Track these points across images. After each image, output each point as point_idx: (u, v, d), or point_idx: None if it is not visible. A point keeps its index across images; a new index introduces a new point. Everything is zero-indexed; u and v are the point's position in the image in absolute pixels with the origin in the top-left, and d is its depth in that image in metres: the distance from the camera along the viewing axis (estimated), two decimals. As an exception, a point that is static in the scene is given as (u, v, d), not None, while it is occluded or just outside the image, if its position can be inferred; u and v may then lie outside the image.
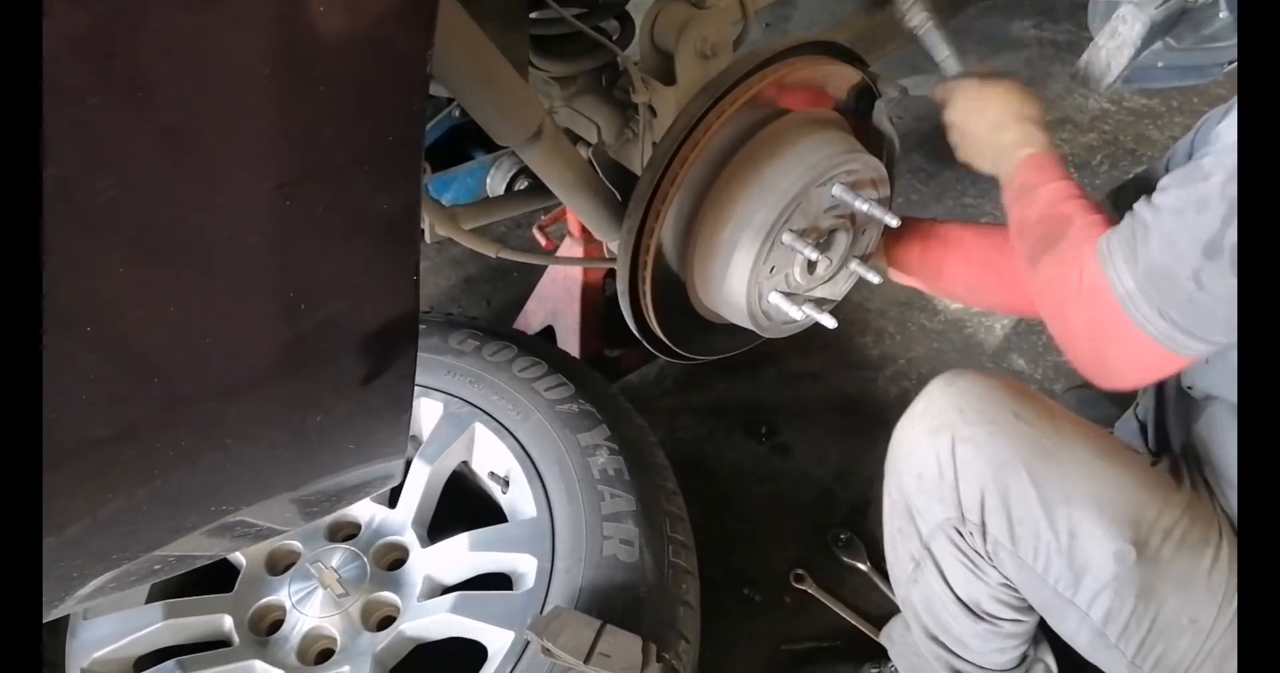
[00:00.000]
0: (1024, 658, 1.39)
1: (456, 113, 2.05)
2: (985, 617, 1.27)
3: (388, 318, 0.78)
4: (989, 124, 1.25)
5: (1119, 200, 1.47)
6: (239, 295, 0.68)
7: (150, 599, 1.45)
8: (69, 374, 0.65)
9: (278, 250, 0.67)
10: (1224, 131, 1.01)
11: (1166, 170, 1.37)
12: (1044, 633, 1.41)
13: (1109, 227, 1.04)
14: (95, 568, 0.84)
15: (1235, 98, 1.28)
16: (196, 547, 0.96)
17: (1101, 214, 1.10)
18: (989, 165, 1.27)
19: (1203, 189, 0.90)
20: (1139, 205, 0.99)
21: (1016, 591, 1.24)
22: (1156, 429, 1.69)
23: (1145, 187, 1.40)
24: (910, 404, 1.28)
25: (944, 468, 1.19)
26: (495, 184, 1.84)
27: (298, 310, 0.71)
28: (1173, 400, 1.39)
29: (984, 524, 1.17)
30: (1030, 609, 1.27)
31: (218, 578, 1.47)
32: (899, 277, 1.54)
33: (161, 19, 0.52)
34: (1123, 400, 1.90)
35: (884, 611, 1.71)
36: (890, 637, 1.57)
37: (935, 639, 1.36)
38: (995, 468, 1.15)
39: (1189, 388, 1.22)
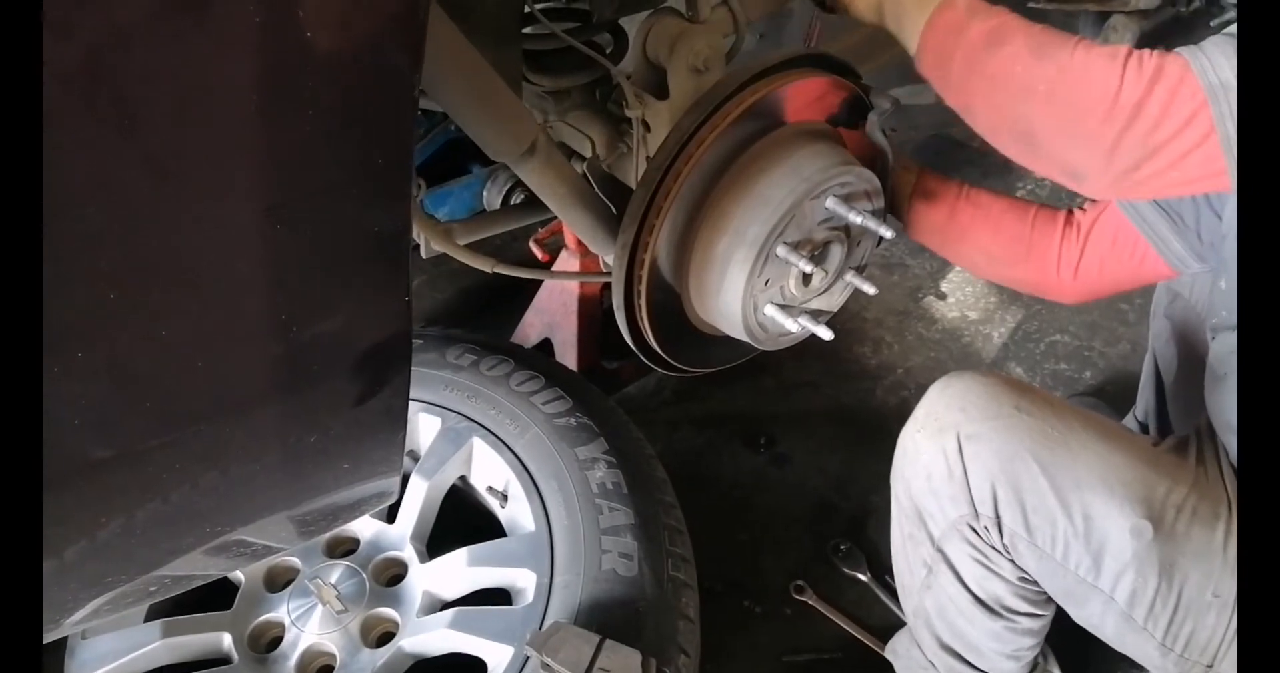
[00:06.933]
0: (1034, 669, 1.39)
1: (453, 127, 2.05)
2: (1004, 613, 1.27)
3: (380, 339, 0.78)
4: None
5: None
6: (230, 319, 0.68)
7: (149, 618, 1.44)
8: (61, 398, 0.65)
9: (268, 273, 0.67)
10: None
11: None
12: (1050, 645, 1.40)
13: None
14: (91, 590, 0.84)
15: None
16: (193, 567, 0.96)
17: None
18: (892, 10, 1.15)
19: None
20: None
21: (1034, 584, 1.24)
22: (1159, 424, 1.69)
23: None
24: (912, 412, 1.29)
25: (952, 467, 1.19)
26: (492, 198, 1.83)
27: (289, 333, 0.71)
28: (1175, 388, 1.38)
29: (998, 518, 1.18)
30: (1047, 602, 1.28)
31: (217, 595, 1.46)
32: (917, 236, 1.51)
33: (146, 47, 0.52)
34: (1122, 405, 1.90)
35: (885, 621, 1.71)
36: (895, 651, 1.56)
37: (948, 649, 1.36)
38: (1003, 461, 1.16)
39: (1212, 336, 1.22)
